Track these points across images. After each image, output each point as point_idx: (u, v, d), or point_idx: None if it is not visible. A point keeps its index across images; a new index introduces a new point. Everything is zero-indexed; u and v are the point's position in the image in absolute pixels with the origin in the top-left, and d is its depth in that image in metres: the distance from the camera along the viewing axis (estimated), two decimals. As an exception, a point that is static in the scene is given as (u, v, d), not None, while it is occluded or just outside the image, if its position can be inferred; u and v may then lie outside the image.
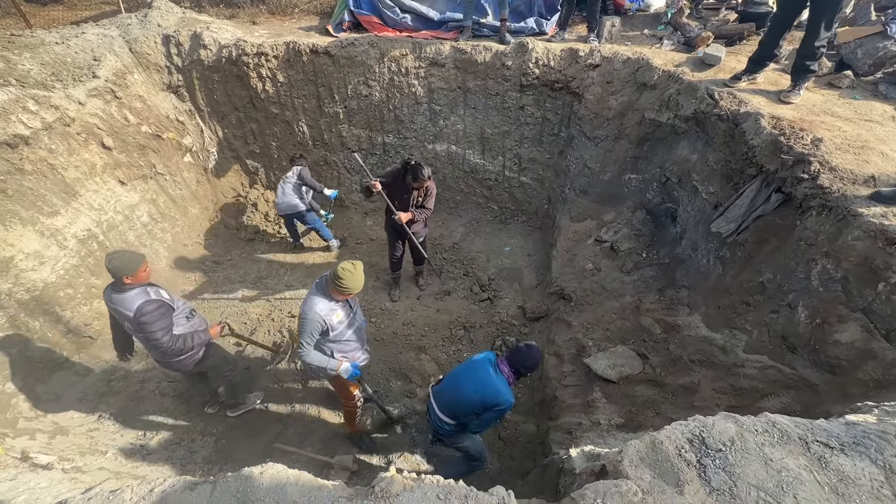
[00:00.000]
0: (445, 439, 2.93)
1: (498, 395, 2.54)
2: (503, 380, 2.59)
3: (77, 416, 3.82)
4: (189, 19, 5.86)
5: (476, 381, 2.62)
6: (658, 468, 1.49)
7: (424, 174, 3.92)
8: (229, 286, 5.28)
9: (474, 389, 2.60)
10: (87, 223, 4.52)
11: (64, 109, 4.46)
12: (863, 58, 3.88)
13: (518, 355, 2.61)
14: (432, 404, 2.87)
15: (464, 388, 2.66)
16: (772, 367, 2.92)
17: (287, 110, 5.84)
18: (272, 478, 1.45)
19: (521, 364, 2.61)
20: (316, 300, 2.78)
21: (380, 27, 5.59)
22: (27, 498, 1.43)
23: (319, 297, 2.79)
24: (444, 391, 2.82)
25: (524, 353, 2.61)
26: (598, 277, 4.45)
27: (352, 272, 2.67)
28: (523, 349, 2.62)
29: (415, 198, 4.20)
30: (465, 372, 2.75)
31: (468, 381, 2.66)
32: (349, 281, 2.67)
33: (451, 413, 2.76)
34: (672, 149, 4.25)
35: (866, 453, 1.49)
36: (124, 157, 4.99)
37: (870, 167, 2.89)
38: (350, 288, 2.70)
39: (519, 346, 2.65)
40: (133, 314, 2.82)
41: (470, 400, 2.61)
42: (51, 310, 4.08)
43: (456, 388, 2.73)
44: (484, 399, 2.56)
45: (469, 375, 2.69)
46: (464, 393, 2.64)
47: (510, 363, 2.63)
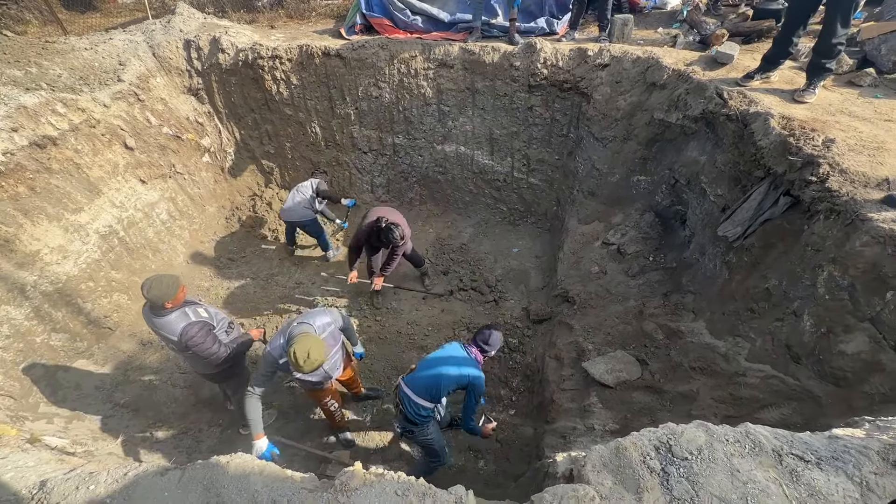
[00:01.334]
0: (416, 429, 2.99)
1: (469, 373, 2.85)
2: (472, 358, 2.94)
3: (94, 403, 4.03)
4: (209, 24, 6.08)
5: (453, 360, 2.92)
6: (620, 474, 1.47)
7: (395, 237, 4.06)
8: (242, 282, 5.45)
9: (454, 367, 2.88)
10: (109, 220, 4.75)
11: (90, 112, 4.71)
12: (887, 54, 3.68)
13: (479, 335, 3.02)
14: (406, 393, 2.95)
15: (439, 367, 2.89)
16: (774, 376, 2.80)
17: (300, 112, 5.98)
18: (238, 467, 1.50)
19: (480, 340, 2.99)
20: (276, 342, 2.73)
21: (391, 29, 5.66)
22: (14, 476, 1.53)
23: (281, 341, 2.72)
24: (420, 376, 2.94)
25: (483, 332, 3.01)
26: (604, 281, 4.38)
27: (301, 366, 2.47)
28: (483, 330, 3.03)
29: (385, 254, 4.46)
30: (441, 355, 2.99)
31: (445, 362, 2.91)
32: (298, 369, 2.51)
33: (427, 394, 2.89)
34: (681, 150, 4.14)
35: (843, 468, 1.42)
36: (145, 157, 5.23)
37: (884, 169, 2.74)
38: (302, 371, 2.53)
39: (481, 329, 3.06)
40: (178, 338, 2.90)
41: (449, 378, 2.86)
42: (73, 301, 4.32)
43: (431, 370, 2.90)
44: (460, 376, 2.85)
45: (445, 357, 2.95)
46: (440, 371, 2.87)
47: (475, 343, 3.01)
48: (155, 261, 5.25)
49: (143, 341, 4.65)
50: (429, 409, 2.92)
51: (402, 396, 2.97)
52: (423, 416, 2.93)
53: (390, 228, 4.05)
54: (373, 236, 4.24)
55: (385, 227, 4.07)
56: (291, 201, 5.23)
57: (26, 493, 1.47)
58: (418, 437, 3.04)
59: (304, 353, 2.44)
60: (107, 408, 4.03)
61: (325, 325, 2.87)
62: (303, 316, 2.89)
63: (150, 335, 4.67)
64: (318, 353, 2.47)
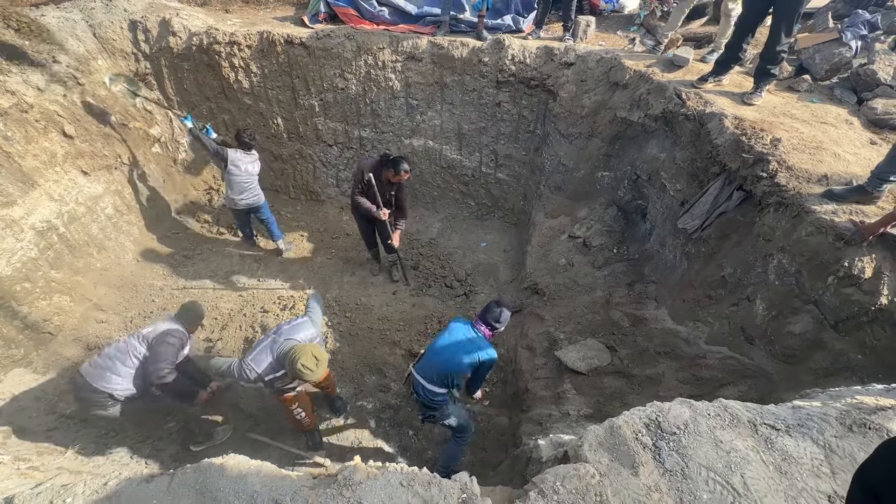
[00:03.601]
0: (436, 413, 3.01)
1: (483, 353, 2.81)
2: (483, 338, 2.87)
3: (35, 416, 3.67)
4: (158, 5, 5.66)
5: (462, 346, 2.84)
6: (615, 451, 1.54)
7: (405, 167, 4.06)
8: (199, 281, 5.15)
9: (464, 353, 2.81)
10: (47, 214, 4.33)
11: (21, 95, 4.25)
12: (820, 63, 4.06)
13: (487, 312, 2.90)
14: (419, 380, 2.93)
15: (451, 354, 2.83)
16: (731, 357, 3.04)
17: (261, 102, 5.72)
18: (233, 468, 1.43)
19: (491, 319, 2.88)
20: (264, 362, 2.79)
21: (356, 19, 5.52)
22: (-29, 494, 1.37)
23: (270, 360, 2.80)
24: (430, 363, 2.91)
25: (491, 308, 2.90)
26: (571, 273, 4.54)
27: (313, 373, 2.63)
28: (491, 305, 2.92)
29: (387, 190, 4.30)
30: (449, 341, 2.91)
31: (454, 349, 2.84)
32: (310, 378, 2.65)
33: (441, 381, 2.87)
34: (642, 147, 4.36)
35: (808, 434, 1.58)
36: (87, 146, 4.80)
37: (823, 167, 3.04)
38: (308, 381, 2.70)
39: (488, 304, 2.94)
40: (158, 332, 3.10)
41: (460, 364, 2.81)
42: (6, 304, 3.91)
43: (442, 356, 2.86)
44: (471, 360, 2.80)
45: (454, 343, 2.87)
46: (452, 359, 2.82)
47: (483, 321, 2.90)
48: (100, 259, 4.85)
49: (88, 346, 4.28)
50: (444, 395, 2.93)
51: (415, 386, 2.96)
52: (440, 401, 2.95)
53: (401, 158, 4.08)
54: (376, 170, 4.15)
55: (395, 158, 4.06)
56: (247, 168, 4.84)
57: (-12, 511, 1.32)
58: (440, 420, 3.07)
59: (313, 362, 2.57)
60: (50, 420, 3.68)
61: (310, 337, 2.89)
62: (282, 331, 2.87)
63: (96, 340, 4.32)
64: (321, 354, 2.60)
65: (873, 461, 0.94)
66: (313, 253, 5.69)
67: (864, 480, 0.95)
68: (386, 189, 4.30)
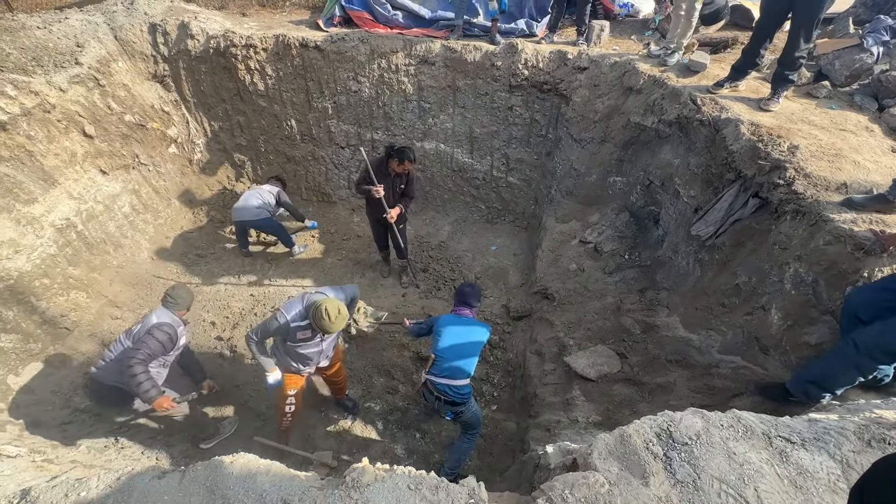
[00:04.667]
0: (464, 408, 3.11)
1: (483, 330, 3.14)
2: (472, 319, 3.17)
3: (51, 409, 3.75)
4: (177, 8, 5.78)
5: (474, 333, 3.10)
6: (626, 461, 1.53)
7: (411, 156, 4.08)
8: (212, 280, 5.22)
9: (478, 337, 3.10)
10: (66, 212, 4.44)
11: (44, 95, 4.37)
12: (840, 69, 3.99)
13: (465, 295, 3.20)
14: (442, 383, 3.02)
15: (470, 345, 3.07)
16: (745, 367, 2.98)
17: (275, 104, 5.79)
18: (243, 467, 1.45)
19: (472, 300, 3.20)
20: (294, 309, 2.88)
21: (371, 23, 5.58)
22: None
23: (299, 308, 2.89)
24: (451, 362, 3.03)
25: (467, 291, 3.22)
26: (582, 278, 4.50)
27: (331, 322, 2.69)
28: (466, 289, 3.24)
29: (396, 184, 4.32)
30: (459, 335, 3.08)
31: (469, 339, 3.07)
32: (327, 326, 2.71)
33: (466, 374, 3.04)
34: (656, 153, 4.32)
35: (825, 448, 1.54)
36: (106, 146, 4.91)
37: (842, 174, 2.98)
38: (324, 329, 2.75)
39: (462, 289, 3.25)
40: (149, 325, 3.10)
41: (473, 350, 3.07)
42: (25, 300, 4.00)
43: (464, 350, 3.04)
44: (480, 341, 3.11)
45: (465, 335, 3.09)
46: (467, 349, 3.04)
47: (465, 304, 3.18)
48: (116, 256, 4.95)
49: (103, 341, 4.36)
50: (470, 386, 3.11)
51: (440, 388, 3.04)
52: (467, 393, 3.09)
53: (407, 147, 4.13)
54: (383, 164, 4.18)
55: (400, 148, 4.10)
56: (245, 202, 5.07)
57: (6, 503, 1.34)
58: (467, 415, 3.17)
59: (336, 310, 2.66)
60: (65, 413, 3.76)
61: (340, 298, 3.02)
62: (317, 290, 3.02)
63: (111, 336, 4.40)
64: (344, 310, 2.72)
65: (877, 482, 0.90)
66: (324, 254, 5.74)
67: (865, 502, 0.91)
68: (395, 182, 4.32)
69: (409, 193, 4.49)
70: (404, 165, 4.09)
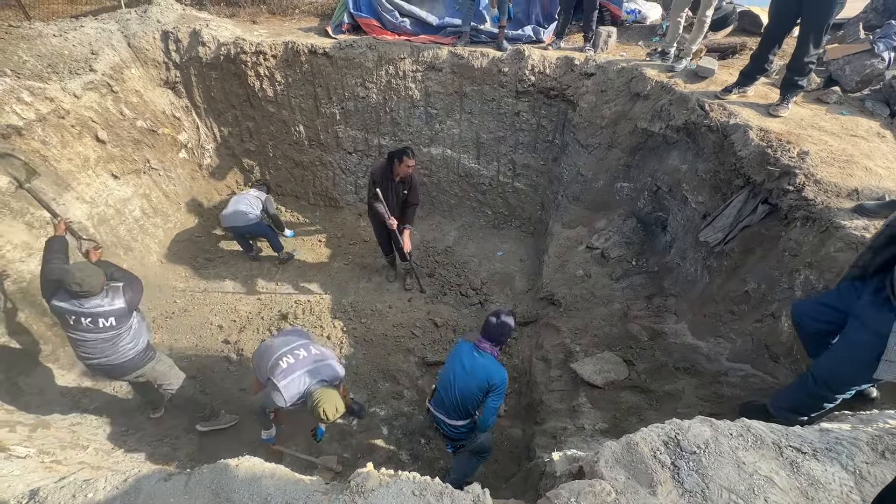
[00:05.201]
0: (464, 442, 2.99)
1: (491, 377, 2.64)
2: (490, 358, 2.71)
3: (60, 410, 3.78)
4: (189, 16, 5.88)
5: (468, 372, 2.71)
6: (633, 469, 1.51)
7: (409, 153, 4.11)
8: (220, 283, 5.26)
9: (472, 380, 2.69)
10: (78, 216, 4.50)
11: (59, 101, 4.46)
12: (850, 74, 3.96)
13: (489, 328, 2.72)
14: (439, 418, 2.92)
15: (460, 385, 2.73)
16: (754, 375, 2.94)
17: (284, 109, 5.86)
18: (248, 470, 1.45)
19: (497, 334, 2.71)
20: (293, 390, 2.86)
21: (379, 30, 5.63)
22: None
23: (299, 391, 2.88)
24: (445, 399, 2.84)
25: (493, 324, 2.71)
26: (588, 284, 4.48)
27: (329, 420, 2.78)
28: (492, 320, 2.72)
29: (399, 190, 4.36)
30: (454, 371, 2.79)
31: (461, 378, 2.73)
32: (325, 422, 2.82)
33: (460, 414, 2.81)
34: (663, 158, 4.30)
35: (838, 459, 1.51)
36: (118, 150, 4.99)
37: (854, 181, 2.94)
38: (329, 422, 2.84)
39: (488, 320, 2.74)
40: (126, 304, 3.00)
41: (472, 393, 2.70)
42: (37, 301, 4.04)
43: (454, 390, 2.77)
44: (480, 385, 2.66)
45: (460, 371, 2.75)
46: (463, 389, 2.71)
47: (487, 338, 2.73)
48: (127, 260, 4.99)
49: (113, 344, 4.39)
50: (467, 425, 2.88)
51: (437, 421, 2.95)
52: (465, 431, 2.92)
53: (405, 148, 4.16)
54: (387, 174, 4.26)
55: (400, 149, 4.15)
56: (234, 207, 5.14)
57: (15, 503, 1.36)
58: (470, 447, 3.04)
59: (333, 410, 2.73)
60: (74, 415, 3.78)
61: (338, 377, 3.05)
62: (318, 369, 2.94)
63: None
64: (341, 406, 2.79)
65: None
66: (330, 258, 5.77)
67: None
68: (399, 189, 4.36)
69: (412, 200, 4.52)
70: (404, 164, 4.12)
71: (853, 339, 2.06)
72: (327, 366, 3.00)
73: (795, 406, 2.35)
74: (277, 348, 3.06)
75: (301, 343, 3.11)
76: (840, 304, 2.19)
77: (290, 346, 3.04)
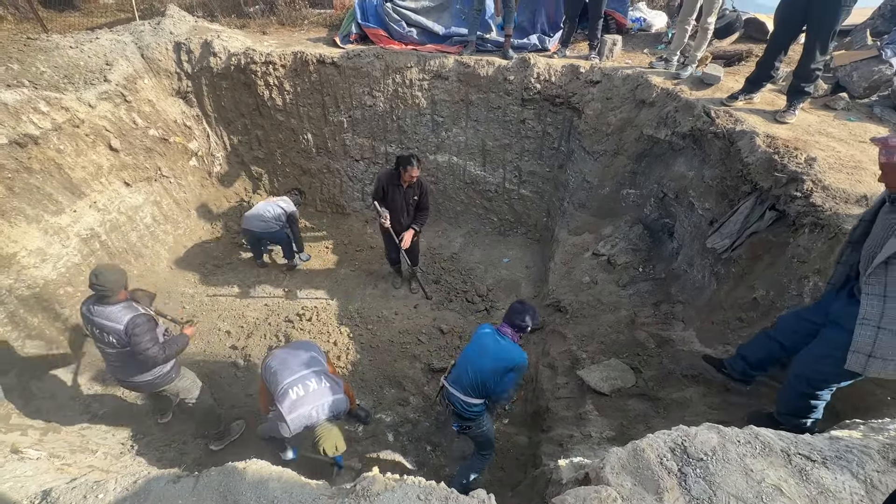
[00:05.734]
0: (472, 424, 3.02)
1: (513, 359, 2.80)
2: (510, 342, 2.85)
3: (70, 414, 3.83)
4: (201, 28, 6.01)
5: (490, 353, 2.84)
6: (639, 476, 1.50)
7: (413, 161, 4.15)
8: (228, 289, 5.31)
9: (492, 360, 2.82)
10: (91, 222, 4.59)
11: (74, 111, 4.56)
12: (858, 81, 3.94)
13: (513, 313, 2.88)
14: (453, 394, 2.96)
15: (482, 364, 2.85)
16: (764, 384, 2.91)
17: (292, 118, 5.94)
18: (255, 473, 1.46)
19: (519, 320, 2.85)
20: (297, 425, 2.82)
21: (386, 40, 5.71)
22: (12, 486, 1.44)
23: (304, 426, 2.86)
24: (463, 375, 2.93)
25: (518, 309, 2.88)
26: (595, 291, 4.46)
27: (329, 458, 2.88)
28: (516, 306, 2.91)
29: (409, 196, 4.39)
30: (477, 350, 2.92)
31: (483, 357, 2.86)
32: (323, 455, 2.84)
33: (477, 392, 2.89)
34: (669, 165, 4.30)
35: (848, 467, 1.49)
36: (130, 159, 5.08)
37: (863, 187, 2.92)
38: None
39: (513, 306, 2.93)
40: (123, 327, 2.88)
41: (492, 371, 2.82)
42: (50, 307, 4.12)
43: (474, 367, 2.87)
44: (502, 365, 2.80)
45: (481, 351, 2.89)
46: (484, 368, 2.83)
47: (510, 324, 2.88)
48: (137, 266, 5.08)
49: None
50: (481, 405, 2.96)
51: (450, 398, 2.99)
52: (477, 412, 2.97)
53: (411, 154, 4.21)
54: (394, 178, 4.31)
55: (408, 155, 4.19)
56: (256, 211, 5.22)
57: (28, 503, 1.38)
58: (475, 431, 3.08)
59: (332, 450, 2.77)
60: (84, 419, 3.83)
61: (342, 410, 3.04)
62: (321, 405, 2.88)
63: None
64: (341, 445, 2.83)
65: None
66: (337, 265, 5.80)
67: None
68: (409, 194, 4.40)
69: (423, 205, 4.54)
70: (409, 172, 4.16)
71: (829, 336, 2.16)
72: (335, 401, 2.96)
73: (792, 409, 2.40)
74: (287, 372, 2.97)
75: (311, 372, 3.01)
76: (818, 318, 2.29)
77: (299, 375, 2.96)
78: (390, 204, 4.42)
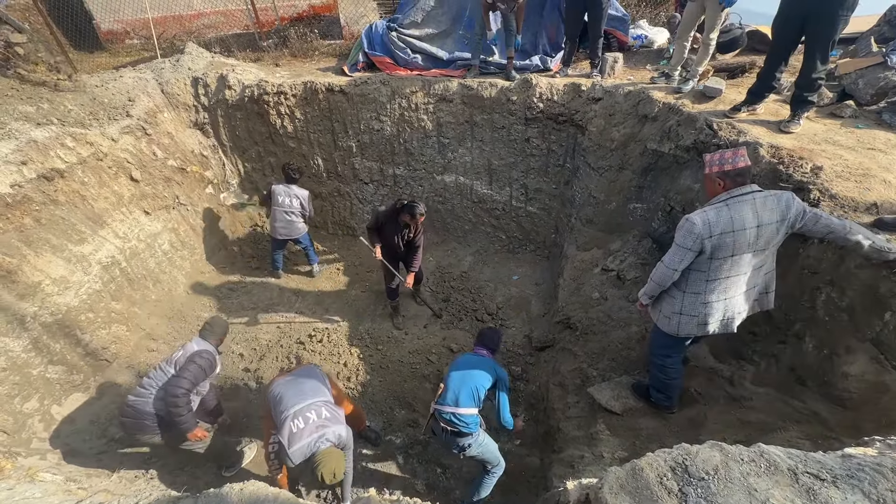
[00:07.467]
0: (471, 440, 3.06)
1: (494, 367, 3.16)
2: (489, 359, 3.22)
3: (88, 439, 3.91)
4: (217, 63, 6.32)
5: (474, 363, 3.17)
6: (638, 496, 1.46)
7: (420, 211, 4.26)
8: (242, 312, 5.42)
9: (478, 367, 3.14)
10: (112, 250, 4.77)
11: (98, 145, 4.81)
12: (864, 88, 3.89)
13: (485, 338, 3.35)
14: (446, 411, 3.02)
15: (470, 372, 3.11)
16: (780, 399, 2.81)
17: (303, 144, 6.14)
18: (252, 494, 1.48)
19: (491, 343, 3.32)
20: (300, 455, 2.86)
21: (392, 67, 5.91)
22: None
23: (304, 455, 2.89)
24: (452, 387, 3.08)
25: (489, 334, 3.37)
26: (605, 307, 4.40)
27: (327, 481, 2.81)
28: (487, 331, 3.40)
29: (405, 235, 4.51)
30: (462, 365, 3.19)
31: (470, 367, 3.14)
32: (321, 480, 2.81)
33: (468, 399, 3.03)
34: (675, 178, 4.28)
35: (859, 486, 1.43)
36: (150, 188, 5.31)
37: (872, 195, 2.86)
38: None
39: (481, 332, 3.42)
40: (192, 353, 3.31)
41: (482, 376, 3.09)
42: (71, 333, 4.26)
43: (463, 377, 3.09)
44: (487, 373, 3.10)
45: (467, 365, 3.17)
46: (472, 373, 3.10)
47: (483, 346, 3.31)
48: (155, 291, 5.23)
49: (139, 373, 4.56)
50: (475, 416, 3.08)
51: (446, 417, 3.03)
52: (473, 424, 3.05)
53: (415, 202, 4.29)
54: (392, 216, 4.43)
55: (408, 204, 4.28)
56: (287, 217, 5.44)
57: (33, 525, 1.42)
58: (476, 450, 3.12)
59: (330, 477, 2.77)
60: (101, 443, 3.91)
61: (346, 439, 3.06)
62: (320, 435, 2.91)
63: (146, 368, 4.59)
64: (339, 471, 2.83)
65: None
66: (348, 286, 5.87)
67: None
68: (403, 230, 4.50)
69: (416, 243, 4.64)
70: (415, 220, 4.31)
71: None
72: (335, 432, 2.97)
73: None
74: (288, 404, 3.00)
75: (311, 403, 3.03)
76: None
77: (300, 406, 2.98)
78: (385, 238, 4.56)
